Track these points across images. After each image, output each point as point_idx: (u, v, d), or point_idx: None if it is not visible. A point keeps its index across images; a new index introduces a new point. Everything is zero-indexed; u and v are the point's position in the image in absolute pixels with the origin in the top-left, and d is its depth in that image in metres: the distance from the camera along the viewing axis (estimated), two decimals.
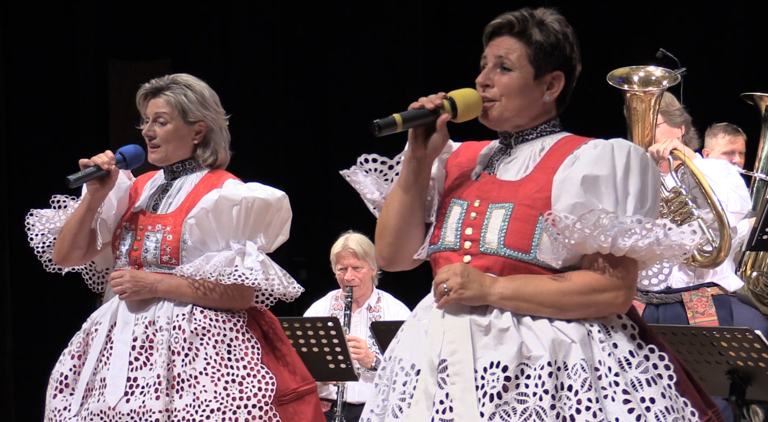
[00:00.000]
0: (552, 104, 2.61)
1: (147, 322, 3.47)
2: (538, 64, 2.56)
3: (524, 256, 2.50)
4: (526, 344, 2.44)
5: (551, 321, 2.46)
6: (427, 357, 2.49)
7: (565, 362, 2.43)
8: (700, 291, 4.70)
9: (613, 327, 2.48)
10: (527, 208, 2.51)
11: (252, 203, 3.52)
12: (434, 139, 2.59)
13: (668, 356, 2.48)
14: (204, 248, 3.50)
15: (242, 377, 3.46)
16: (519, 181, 2.56)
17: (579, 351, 2.42)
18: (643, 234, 2.42)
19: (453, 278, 2.49)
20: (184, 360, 3.42)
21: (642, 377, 2.44)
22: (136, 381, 3.41)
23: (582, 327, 2.46)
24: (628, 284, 2.47)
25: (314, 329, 4.51)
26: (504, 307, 2.48)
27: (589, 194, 2.46)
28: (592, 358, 2.43)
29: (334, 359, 4.57)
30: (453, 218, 2.59)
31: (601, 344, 2.45)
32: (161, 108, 3.58)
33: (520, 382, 2.42)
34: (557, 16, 2.60)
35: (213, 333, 3.46)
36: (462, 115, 2.60)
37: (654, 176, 2.50)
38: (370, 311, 5.47)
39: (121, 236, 3.57)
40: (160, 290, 3.48)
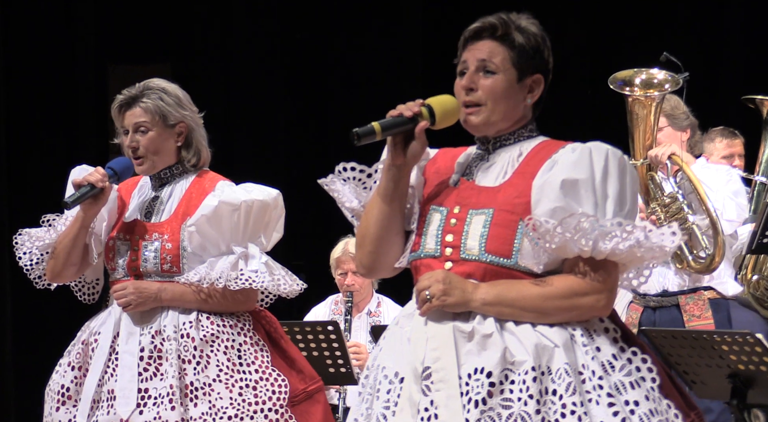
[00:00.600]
0: (529, 109, 2.62)
1: (153, 332, 3.45)
2: (520, 67, 2.58)
3: (505, 261, 2.51)
4: (509, 349, 2.45)
5: (534, 326, 2.47)
6: (410, 365, 2.49)
7: (549, 366, 2.43)
8: (697, 295, 4.70)
9: (596, 330, 2.49)
10: (507, 213, 2.51)
11: (251, 206, 3.52)
12: (413, 146, 2.59)
13: (651, 358, 2.49)
14: (204, 254, 3.49)
15: (255, 381, 3.45)
16: (498, 187, 2.56)
17: (562, 355, 2.43)
18: (624, 237, 2.43)
19: (435, 285, 2.50)
20: (196, 368, 3.41)
21: (626, 380, 2.45)
22: (147, 392, 3.40)
23: (565, 331, 2.47)
24: (610, 287, 2.49)
25: (314, 333, 4.50)
26: (487, 313, 2.48)
27: (569, 198, 2.47)
28: (575, 362, 2.44)
29: (334, 363, 4.56)
30: (433, 225, 2.59)
31: (584, 348, 2.46)
32: (140, 117, 3.54)
33: (504, 388, 2.43)
34: (533, 20, 2.62)
35: (222, 339, 3.46)
36: (441, 122, 2.60)
37: (632, 178, 2.52)
38: (370, 316, 5.47)
39: (115, 247, 3.54)
40: (164, 298, 3.47)
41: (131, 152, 3.54)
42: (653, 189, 4.66)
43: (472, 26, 2.62)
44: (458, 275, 2.52)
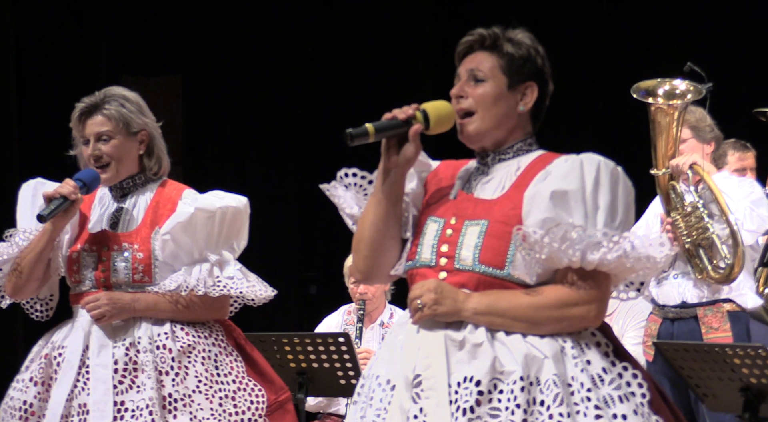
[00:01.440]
0: (527, 119, 2.62)
1: (128, 344, 3.40)
2: (510, 73, 2.59)
3: (498, 272, 2.52)
4: (499, 359, 2.45)
5: (524, 336, 2.48)
6: (402, 373, 2.51)
7: (537, 377, 2.44)
8: (716, 307, 4.68)
9: (587, 343, 2.50)
10: (502, 225, 2.52)
11: (226, 213, 3.50)
12: (406, 149, 2.61)
13: (641, 374, 2.49)
14: (176, 263, 3.46)
15: (234, 391, 3.44)
16: (495, 199, 2.58)
17: (552, 366, 2.44)
18: (611, 247, 2.44)
19: (427, 294, 2.51)
20: (174, 379, 3.37)
21: (615, 393, 2.45)
22: (123, 405, 3.35)
23: (555, 342, 2.48)
24: (600, 298, 2.49)
25: (325, 345, 4.50)
26: (478, 322, 2.49)
27: (559, 209, 2.47)
28: (564, 374, 2.45)
29: (345, 374, 4.56)
30: (429, 235, 2.60)
31: (574, 360, 2.46)
32: (103, 125, 3.49)
33: (493, 397, 2.44)
34: (527, 34, 2.63)
35: (198, 349, 3.43)
36: (435, 126, 2.62)
37: (625, 189, 2.52)
38: (383, 327, 5.46)
39: (80, 260, 3.48)
40: (138, 309, 3.42)
41: (93, 161, 3.48)
42: (674, 199, 4.63)
43: (463, 40, 2.66)
44: (452, 284, 2.53)
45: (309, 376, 4.50)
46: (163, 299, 3.43)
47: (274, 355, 4.48)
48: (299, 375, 4.50)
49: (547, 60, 2.63)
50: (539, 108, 2.63)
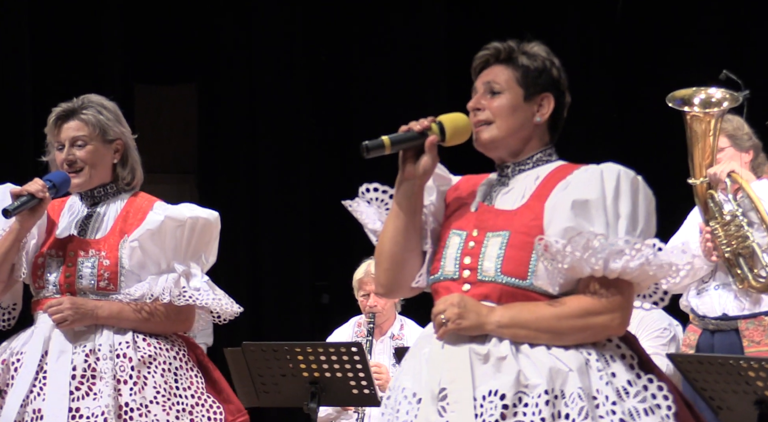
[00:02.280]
0: (545, 130, 2.64)
1: (87, 351, 3.37)
2: (526, 85, 2.62)
3: (521, 283, 2.53)
4: (523, 372, 2.46)
5: (549, 349, 2.48)
6: (428, 386, 2.52)
7: (562, 390, 2.44)
8: (758, 320, 4.61)
9: (612, 356, 2.50)
10: (523, 235, 2.53)
11: (196, 223, 3.47)
12: (423, 161, 2.62)
13: (667, 386, 2.49)
14: (142, 272, 3.44)
15: (192, 406, 3.42)
16: (515, 210, 2.59)
17: (576, 379, 2.44)
18: (633, 255, 2.45)
19: (450, 308, 2.52)
20: (132, 388, 3.34)
21: (640, 406, 2.45)
22: (79, 412, 3.32)
23: (580, 355, 2.48)
24: (624, 306, 2.50)
25: (338, 354, 4.49)
26: (502, 335, 2.50)
27: (580, 218, 2.48)
28: (589, 387, 2.45)
29: (357, 384, 4.55)
30: (452, 248, 2.61)
31: (599, 372, 2.46)
32: (79, 130, 3.46)
33: (518, 410, 2.44)
34: (543, 46, 2.66)
35: (159, 360, 3.41)
36: (451, 138, 2.64)
37: (646, 198, 2.53)
38: (393, 339, 5.45)
39: (45, 264, 3.44)
40: (101, 316, 3.39)
41: (66, 166, 3.45)
42: (713, 208, 4.59)
43: (478, 54, 2.68)
44: (475, 297, 2.54)
45: (321, 386, 4.49)
46: (127, 308, 3.41)
47: (286, 364, 4.48)
48: (311, 384, 4.49)
49: (563, 71, 2.65)
50: (556, 119, 2.65)
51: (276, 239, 7.16)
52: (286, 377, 4.48)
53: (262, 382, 4.50)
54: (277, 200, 7.15)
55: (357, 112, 7.38)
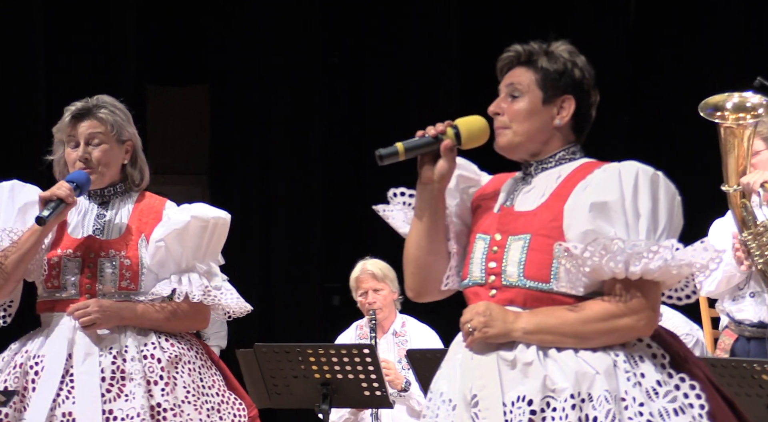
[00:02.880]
0: (568, 130, 2.62)
1: (114, 353, 3.36)
2: (545, 88, 2.59)
3: (544, 286, 2.52)
4: (549, 377, 2.46)
5: (576, 352, 2.48)
6: (461, 392, 2.53)
7: (589, 393, 2.44)
8: None
9: (641, 356, 2.49)
10: (544, 238, 2.53)
11: (217, 223, 3.48)
12: (439, 166, 2.63)
13: (700, 385, 2.47)
14: (161, 271, 3.44)
15: (218, 404, 3.44)
16: (534, 210, 2.58)
17: (603, 381, 2.44)
18: (651, 257, 2.43)
19: (476, 317, 2.53)
20: (164, 389, 3.35)
21: (669, 406, 2.44)
22: (112, 414, 3.31)
23: (607, 356, 2.47)
24: (649, 307, 2.48)
25: (349, 356, 4.49)
26: (529, 341, 2.50)
27: (600, 220, 2.47)
28: (617, 389, 2.44)
29: (369, 386, 4.55)
30: (478, 253, 2.61)
31: (626, 374, 2.45)
32: (96, 128, 3.45)
33: (546, 415, 2.45)
34: (567, 47, 2.63)
35: (184, 360, 3.43)
36: (467, 142, 2.63)
37: (667, 194, 2.50)
38: (396, 336, 5.45)
39: (61, 264, 3.42)
40: (126, 317, 3.39)
41: (82, 164, 3.44)
42: (746, 217, 4.56)
43: (502, 56, 2.66)
44: (501, 302, 2.54)
45: (333, 387, 4.49)
46: (150, 308, 3.41)
47: (298, 366, 4.48)
48: (323, 386, 4.49)
49: (588, 71, 2.62)
50: (580, 119, 2.62)
51: (288, 240, 7.16)
52: (297, 378, 4.48)
53: (274, 383, 4.50)
54: (288, 201, 7.15)
55: (370, 113, 7.38)
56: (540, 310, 2.51)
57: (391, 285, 5.46)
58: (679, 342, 2.57)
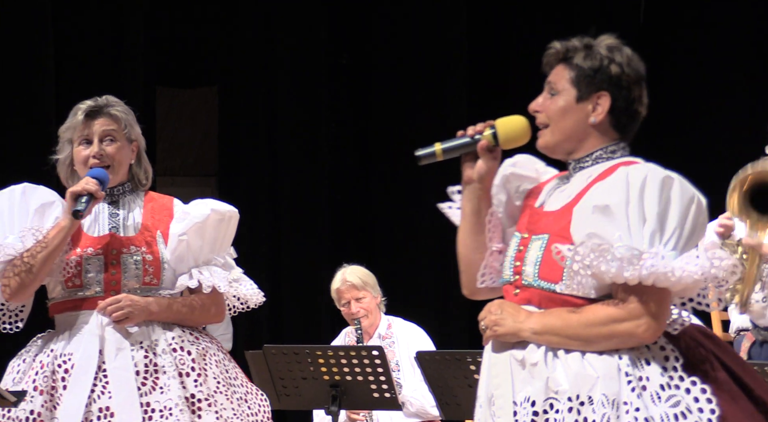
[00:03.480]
0: (607, 128, 2.57)
1: (146, 347, 3.39)
2: (579, 86, 2.55)
3: (555, 287, 2.51)
4: (553, 378, 2.45)
5: (583, 355, 2.46)
6: (484, 391, 2.55)
7: (590, 396, 2.42)
8: None
9: (647, 359, 2.45)
10: (560, 238, 2.50)
11: (231, 217, 3.52)
12: (478, 166, 2.63)
13: (711, 388, 2.43)
14: (179, 266, 3.46)
15: (245, 394, 3.48)
16: (557, 211, 2.56)
17: (603, 385, 2.42)
18: (636, 263, 2.37)
19: (488, 316, 2.53)
20: (197, 380, 3.38)
21: (671, 411, 2.41)
22: (149, 406, 3.33)
23: (612, 359, 2.45)
24: (651, 313, 2.42)
25: (358, 357, 4.49)
26: (538, 342, 2.49)
27: (603, 223, 2.43)
28: (618, 392, 2.41)
29: (378, 388, 4.55)
30: (510, 251, 2.61)
31: (627, 377, 2.43)
32: (110, 125, 3.46)
33: (549, 416, 2.44)
34: (610, 41, 2.58)
35: (210, 353, 3.46)
36: (505, 142, 2.62)
37: (681, 198, 2.42)
38: (382, 339, 5.45)
39: (82, 263, 3.42)
40: (153, 311, 3.40)
41: (96, 161, 3.43)
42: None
43: (545, 53, 2.63)
44: (521, 301, 2.54)
45: (342, 389, 4.49)
46: (175, 302, 3.44)
47: (307, 367, 4.48)
48: (332, 387, 4.49)
49: (629, 66, 2.55)
50: (620, 116, 2.56)
51: (296, 241, 7.16)
52: (306, 380, 4.48)
53: (283, 385, 4.50)
54: (297, 202, 7.15)
55: (377, 114, 7.38)
56: (550, 311, 2.49)
57: (372, 291, 5.45)
58: (710, 343, 2.50)
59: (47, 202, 3.46)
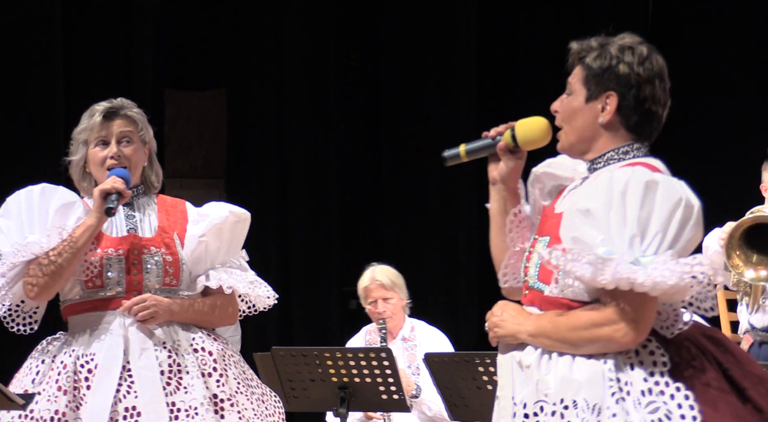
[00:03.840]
0: (619, 128, 2.55)
1: (169, 347, 3.41)
2: (589, 85, 2.55)
3: (546, 289, 2.52)
4: (543, 381, 2.46)
5: (573, 358, 2.47)
6: (500, 392, 2.58)
7: (574, 400, 2.43)
8: None
9: (633, 364, 2.43)
10: (557, 241, 2.50)
11: (246, 219, 3.56)
12: (499, 167, 2.65)
13: (695, 394, 2.40)
14: (196, 267, 3.49)
15: (261, 394, 3.52)
16: (561, 213, 2.55)
17: (585, 389, 2.42)
18: (600, 267, 2.35)
19: (491, 317, 2.56)
20: (219, 380, 3.41)
21: (649, 417, 2.39)
22: (175, 406, 3.36)
23: (598, 363, 2.44)
24: (628, 318, 2.40)
25: (367, 359, 4.49)
26: (534, 344, 2.50)
27: (585, 227, 2.41)
28: (601, 397, 2.41)
29: (386, 389, 4.55)
30: (525, 253, 2.64)
31: (609, 382, 2.42)
32: (127, 127, 3.48)
33: (539, 419, 2.46)
34: (625, 41, 2.56)
35: (228, 354, 3.49)
36: (524, 144, 2.64)
37: (665, 202, 2.38)
38: (405, 342, 5.44)
39: (103, 263, 3.42)
40: (175, 311, 3.43)
41: (113, 162, 3.45)
42: None
43: (568, 55, 2.64)
44: (526, 302, 2.56)
45: (350, 391, 4.49)
46: (196, 303, 3.47)
47: (315, 370, 4.48)
48: (341, 389, 4.50)
49: (639, 65, 2.52)
50: (630, 116, 2.53)
51: (305, 244, 7.17)
52: (315, 382, 4.49)
53: (291, 387, 4.50)
54: (305, 204, 7.16)
55: (386, 116, 7.38)
56: (544, 314, 2.50)
57: (400, 293, 5.44)
58: (712, 345, 2.47)
59: (68, 202, 3.46)
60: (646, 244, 2.38)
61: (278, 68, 7.19)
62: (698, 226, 2.43)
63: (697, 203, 2.43)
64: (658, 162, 2.54)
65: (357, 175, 7.46)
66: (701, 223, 2.44)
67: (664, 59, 2.57)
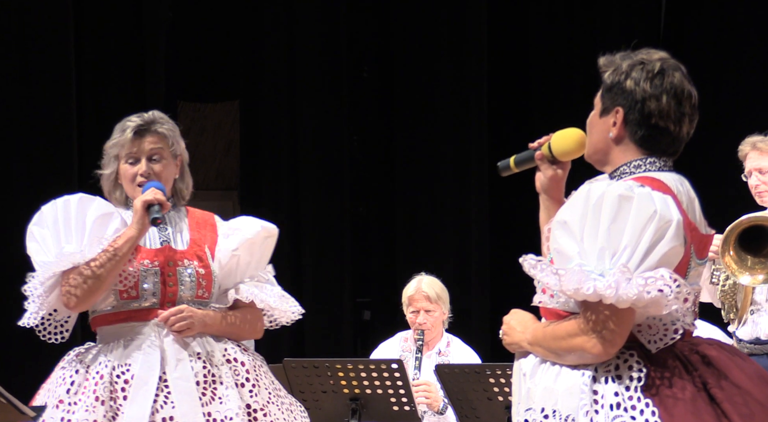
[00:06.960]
0: (629, 143, 2.55)
1: (204, 358, 3.44)
2: (603, 101, 2.59)
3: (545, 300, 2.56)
4: (532, 389, 2.51)
5: (561, 368, 2.49)
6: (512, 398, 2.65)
7: (554, 410, 2.46)
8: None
9: (612, 377, 2.44)
10: None
11: (275, 235, 3.61)
12: (539, 176, 2.72)
13: (661, 411, 2.39)
14: (226, 280, 3.52)
15: (290, 404, 3.55)
16: None
17: (560, 400, 2.45)
18: (559, 279, 2.39)
19: (503, 326, 2.60)
20: (252, 390, 3.44)
21: None
22: (211, 416, 3.39)
23: (577, 374, 2.46)
24: (597, 329, 2.40)
25: (378, 371, 4.50)
26: (533, 352, 2.55)
27: (564, 238, 2.43)
28: (574, 408, 2.43)
29: (398, 401, 4.55)
30: None
31: (582, 394, 2.43)
32: (157, 144, 3.50)
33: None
34: (643, 56, 2.56)
35: (258, 364, 3.52)
36: (559, 155, 2.70)
37: (639, 216, 2.37)
38: (439, 355, 5.42)
39: (138, 274, 3.44)
40: (208, 323, 3.47)
41: (143, 179, 3.47)
42: None
43: None
44: (539, 312, 2.59)
45: (362, 402, 4.50)
46: (228, 316, 3.50)
47: (327, 381, 4.49)
48: (352, 401, 4.50)
49: (646, 80, 2.53)
50: (635, 129, 2.54)
51: (318, 255, 7.17)
52: (327, 393, 4.50)
53: (303, 399, 4.51)
54: (318, 216, 7.17)
55: (399, 128, 7.39)
56: (541, 323, 2.56)
57: (443, 306, 5.41)
58: (699, 361, 2.46)
59: (106, 213, 3.48)
60: (617, 257, 2.38)
61: (291, 80, 7.21)
62: (676, 240, 2.41)
63: (677, 217, 2.41)
64: (668, 177, 2.53)
65: (370, 186, 7.47)
66: (680, 236, 2.42)
67: (683, 77, 2.56)
